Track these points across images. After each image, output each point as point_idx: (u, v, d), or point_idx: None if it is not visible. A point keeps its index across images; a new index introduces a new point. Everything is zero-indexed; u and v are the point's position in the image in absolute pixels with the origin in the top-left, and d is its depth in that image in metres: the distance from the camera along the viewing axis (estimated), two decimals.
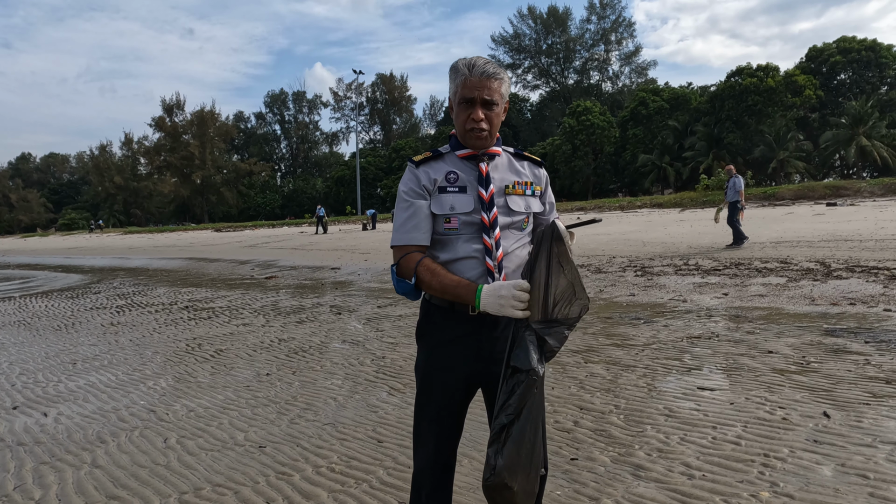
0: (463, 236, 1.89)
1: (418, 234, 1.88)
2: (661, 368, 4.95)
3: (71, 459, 3.60)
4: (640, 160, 56.93)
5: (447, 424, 1.94)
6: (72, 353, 6.67)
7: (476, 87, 1.84)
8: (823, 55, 55.74)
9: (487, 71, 1.84)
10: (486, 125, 1.87)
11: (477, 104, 1.85)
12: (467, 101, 1.86)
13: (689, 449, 3.30)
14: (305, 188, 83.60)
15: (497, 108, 1.89)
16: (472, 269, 1.86)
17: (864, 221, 17.10)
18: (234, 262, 19.87)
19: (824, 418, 3.65)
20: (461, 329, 1.88)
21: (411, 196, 1.91)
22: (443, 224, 1.90)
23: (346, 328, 7.42)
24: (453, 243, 1.88)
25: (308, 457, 3.46)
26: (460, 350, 1.90)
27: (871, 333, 5.74)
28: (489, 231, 1.87)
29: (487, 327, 1.88)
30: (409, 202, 1.91)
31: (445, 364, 1.92)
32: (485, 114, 1.86)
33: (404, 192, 1.93)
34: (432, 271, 1.82)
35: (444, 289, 1.79)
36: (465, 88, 1.85)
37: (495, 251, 1.87)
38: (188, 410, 4.43)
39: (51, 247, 42.80)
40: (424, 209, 1.89)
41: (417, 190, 1.91)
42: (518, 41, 79.46)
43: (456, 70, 1.88)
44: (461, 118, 1.89)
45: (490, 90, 1.85)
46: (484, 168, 1.91)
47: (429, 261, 1.85)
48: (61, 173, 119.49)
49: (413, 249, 1.88)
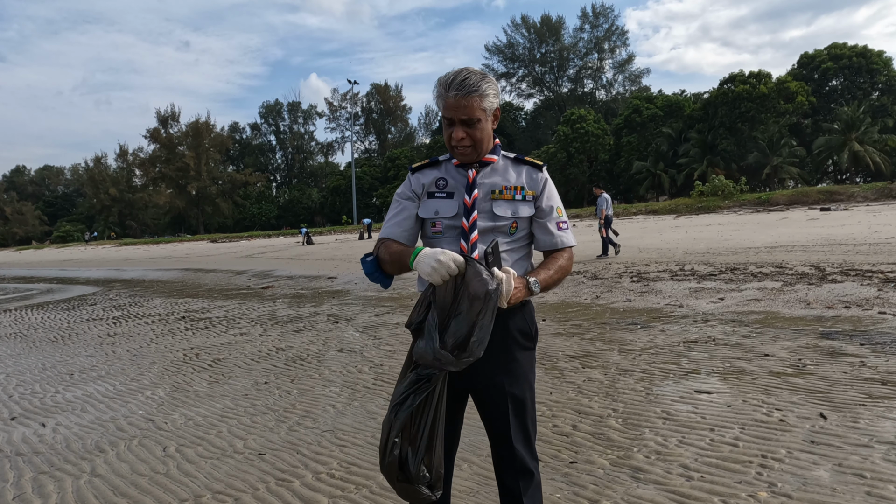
0: (446, 239, 1.95)
1: (397, 229, 2.00)
2: (659, 373, 4.97)
3: (70, 469, 3.60)
4: (634, 167, 57.19)
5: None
6: (69, 364, 6.66)
7: (452, 107, 1.86)
8: (815, 62, 56.19)
9: (462, 91, 1.84)
10: (468, 142, 1.90)
11: (456, 124, 1.89)
12: (448, 120, 1.91)
13: (687, 451, 3.32)
14: (301, 198, 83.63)
15: (480, 124, 1.89)
16: None
17: (858, 226, 17.20)
18: (230, 273, 19.84)
19: (821, 419, 3.67)
20: None
21: (401, 198, 2.05)
22: (430, 228, 2.00)
23: (344, 336, 7.42)
24: (437, 246, 1.91)
25: (308, 463, 3.47)
26: None
27: (867, 336, 5.78)
28: (467, 235, 1.93)
29: None
30: (398, 203, 2.05)
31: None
32: (466, 132, 1.88)
33: (397, 195, 2.05)
34: (386, 246, 1.94)
35: (392, 258, 1.90)
36: (445, 109, 1.89)
37: (471, 254, 1.90)
38: (187, 419, 4.43)
39: (46, 259, 42.67)
40: (410, 209, 2.01)
41: (408, 193, 2.03)
42: (512, 50, 79.92)
43: (437, 88, 1.91)
44: (446, 135, 1.96)
45: (468, 109, 1.85)
46: (471, 175, 1.96)
47: (389, 241, 1.96)
48: (56, 186, 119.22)
49: (389, 241, 1.98)
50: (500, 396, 1.93)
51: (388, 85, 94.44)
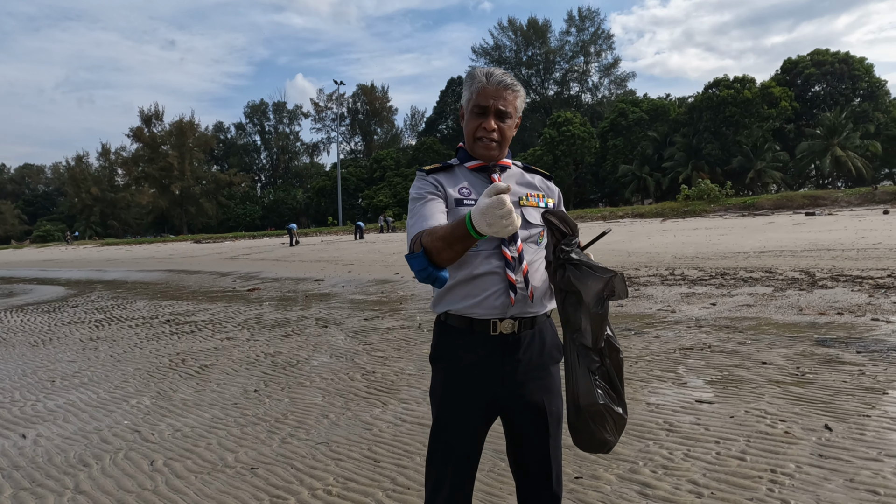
0: (483, 252, 1.77)
1: (436, 217, 1.73)
2: (657, 381, 4.90)
3: (52, 485, 3.43)
4: (620, 171, 57.46)
5: (464, 454, 1.82)
6: (50, 370, 6.46)
7: (492, 95, 1.79)
8: (798, 67, 56.77)
9: (505, 81, 1.81)
10: (496, 136, 1.82)
11: (490, 114, 1.80)
12: (481, 109, 1.80)
13: (694, 465, 3.23)
14: (286, 199, 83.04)
15: (510, 121, 1.84)
16: (493, 285, 1.76)
17: (845, 231, 17.33)
18: (214, 274, 19.58)
19: (826, 431, 3.61)
20: (482, 351, 1.78)
21: (425, 192, 1.80)
22: None
23: (334, 342, 7.28)
24: (471, 261, 1.76)
25: (303, 478, 3.33)
26: (480, 374, 1.79)
27: (862, 343, 5.75)
28: (508, 244, 1.78)
29: (510, 349, 1.78)
30: (421, 198, 1.79)
31: (464, 389, 1.80)
32: (497, 124, 1.81)
33: (417, 194, 1.82)
34: (429, 233, 1.63)
35: (444, 239, 1.56)
36: (480, 96, 1.80)
37: (518, 264, 1.78)
38: (174, 430, 4.28)
39: (25, 259, 41.95)
40: (439, 203, 1.78)
41: (431, 189, 1.81)
42: (499, 52, 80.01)
43: (472, 77, 1.83)
44: (471, 126, 1.83)
45: (505, 101, 1.81)
46: (496, 179, 1.84)
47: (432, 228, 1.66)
48: (36, 184, 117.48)
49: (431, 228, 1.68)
50: (539, 414, 1.83)
51: (375, 86, 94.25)
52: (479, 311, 1.76)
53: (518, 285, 1.76)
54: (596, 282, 1.63)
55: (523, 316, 1.79)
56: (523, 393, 1.81)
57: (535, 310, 1.81)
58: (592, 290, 1.63)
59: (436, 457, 1.84)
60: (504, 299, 1.75)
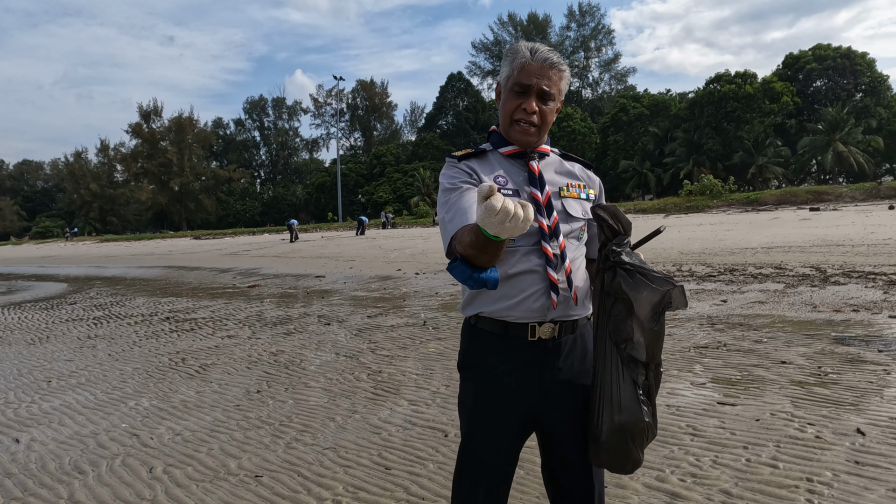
0: (521, 249, 1.58)
1: (471, 214, 1.52)
2: (674, 381, 4.72)
3: (45, 494, 3.25)
4: (621, 166, 57.26)
5: (498, 473, 1.65)
6: (46, 369, 6.28)
7: (536, 73, 1.59)
8: (800, 62, 56.52)
9: (551, 59, 1.60)
10: (537, 119, 1.61)
11: (532, 94, 1.60)
12: (522, 87, 1.60)
13: (724, 473, 3.06)
14: (285, 195, 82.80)
15: (552, 104, 1.64)
16: (533, 285, 1.57)
17: (853, 226, 17.15)
18: (214, 271, 19.39)
19: (859, 436, 3.43)
20: (518, 358, 1.60)
21: (458, 181, 1.60)
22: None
23: (337, 340, 7.10)
24: (507, 258, 1.58)
25: (310, 487, 3.16)
26: (516, 384, 1.61)
27: (884, 342, 5.57)
28: (550, 240, 1.59)
29: (550, 355, 1.60)
30: (454, 188, 1.59)
31: (498, 402, 1.62)
32: (539, 106, 1.61)
33: (449, 183, 1.61)
34: (458, 241, 1.45)
35: (473, 245, 1.37)
36: (523, 73, 1.59)
37: (560, 263, 1.59)
38: (174, 434, 4.10)
39: (24, 255, 41.74)
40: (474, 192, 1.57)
41: (465, 178, 1.61)
42: (499, 48, 79.69)
43: (515, 52, 1.62)
44: (509, 106, 1.62)
45: (550, 80, 1.60)
46: (535, 167, 1.64)
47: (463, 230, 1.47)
48: (35, 181, 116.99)
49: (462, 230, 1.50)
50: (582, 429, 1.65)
51: (374, 81, 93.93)
52: (515, 313, 1.58)
53: (560, 285, 1.57)
54: (651, 293, 1.45)
55: (565, 319, 1.61)
56: (564, 405, 1.63)
57: (577, 312, 1.63)
58: (647, 303, 1.45)
59: (466, 476, 1.66)
60: (544, 301, 1.57)
